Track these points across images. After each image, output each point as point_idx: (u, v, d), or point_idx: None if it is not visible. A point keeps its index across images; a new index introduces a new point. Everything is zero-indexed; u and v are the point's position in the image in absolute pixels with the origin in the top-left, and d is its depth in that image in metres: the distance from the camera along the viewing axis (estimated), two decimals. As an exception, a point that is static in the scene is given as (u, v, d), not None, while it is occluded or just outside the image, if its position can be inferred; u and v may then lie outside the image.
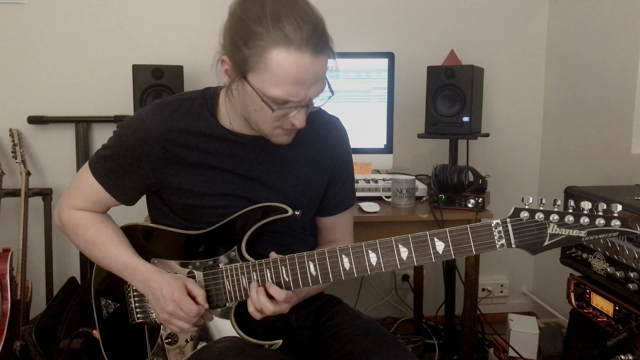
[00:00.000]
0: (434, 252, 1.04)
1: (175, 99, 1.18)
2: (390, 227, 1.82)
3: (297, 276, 1.10)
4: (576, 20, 2.32)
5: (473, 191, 1.88)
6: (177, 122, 1.14)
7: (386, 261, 1.06)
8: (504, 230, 1.00)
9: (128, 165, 1.16)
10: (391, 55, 2.10)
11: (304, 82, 1.01)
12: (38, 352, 1.88)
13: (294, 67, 0.98)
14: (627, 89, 1.99)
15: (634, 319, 1.40)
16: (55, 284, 2.29)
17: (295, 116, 1.07)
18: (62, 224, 1.24)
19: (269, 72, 0.99)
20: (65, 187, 2.35)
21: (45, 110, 2.34)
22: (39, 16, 2.29)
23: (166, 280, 1.12)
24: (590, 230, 0.97)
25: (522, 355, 2.03)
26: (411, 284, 2.54)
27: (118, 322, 1.24)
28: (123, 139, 1.16)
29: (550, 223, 0.99)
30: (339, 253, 1.08)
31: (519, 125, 2.60)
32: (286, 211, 1.15)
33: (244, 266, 1.14)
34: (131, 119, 1.17)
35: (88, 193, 1.21)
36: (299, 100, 1.03)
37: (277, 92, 1.01)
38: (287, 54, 0.98)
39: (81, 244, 1.22)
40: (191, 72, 2.29)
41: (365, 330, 1.19)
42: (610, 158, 2.10)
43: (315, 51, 0.99)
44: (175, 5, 2.36)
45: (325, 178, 1.27)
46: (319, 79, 1.04)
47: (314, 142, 1.24)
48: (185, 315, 1.10)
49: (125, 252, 1.18)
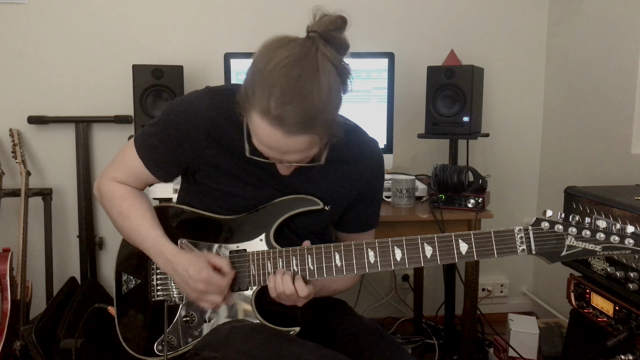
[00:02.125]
0: (458, 253, 1.09)
1: (227, 87, 1.20)
2: (390, 227, 1.82)
3: (322, 265, 1.13)
4: (576, 21, 2.32)
5: (473, 191, 1.88)
6: (225, 111, 1.15)
7: (410, 258, 1.10)
8: (525, 237, 1.07)
9: (170, 144, 1.18)
10: (391, 55, 2.10)
11: (277, 150, 1.03)
12: (38, 352, 1.88)
13: (266, 135, 1.01)
14: (627, 89, 1.99)
15: (634, 319, 1.40)
16: (55, 284, 2.30)
17: (278, 166, 1.11)
18: (101, 194, 1.27)
19: (251, 123, 1.03)
20: (65, 187, 2.38)
21: (45, 110, 2.34)
22: (39, 16, 2.30)
23: (190, 261, 1.14)
24: (605, 246, 1.03)
25: (522, 355, 2.03)
26: (411, 284, 2.54)
27: (137, 298, 1.26)
28: (171, 117, 1.18)
29: (568, 235, 1.05)
30: (365, 247, 1.12)
31: (519, 125, 2.60)
32: (317, 204, 1.19)
33: (271, 252, 1.16)
34: (181, 99, 1.20)
35: (129, 167, 1.23)
36: (275, 159, 1.06)
37: (256, 143, 1.05)
38: (262, 122, 0.99)
39: (115, 215, 1.24)
40: (191, 72, 2.29)
41: (365, 332, 1.21)
42: (610, 158, 2.10)
43: (290, 132, 0.98)
44: (175, 5, 2.36)
45: (351, 197, 1.27)
46: (296, 151, 1.03)
47: (347, 162, 1.24)
48: (216, 289, 1.13)
49: (155, 231, 1.20)
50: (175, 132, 1.17)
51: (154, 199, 1.89)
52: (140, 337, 1.24)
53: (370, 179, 1.28)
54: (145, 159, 1.21)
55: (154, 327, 1.23)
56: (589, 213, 1.58)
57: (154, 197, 1.89)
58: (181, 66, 2.17)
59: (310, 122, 0.98)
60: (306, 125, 0.98)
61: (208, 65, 2.35)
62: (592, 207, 1.56)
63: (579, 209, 1.62)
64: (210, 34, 2.36)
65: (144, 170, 1.22)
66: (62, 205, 2.41)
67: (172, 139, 1.17)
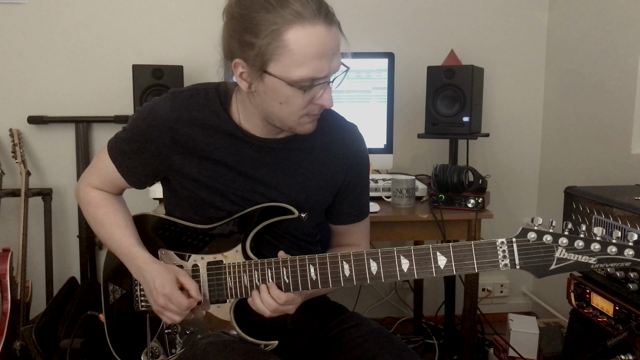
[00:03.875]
0: (436, 267, 1.03)
1: (189, 89, 1.19)
2: (390, 227, 1.82)
3: (297, 279, 1.10)
4: (576, 20, 2.32)
5: (473, 191, 1.88)
6: (187, 112, 1.15)
7: (386, 271, 1.05)
8: (508, 250, 0.99)
9: (138, 149, 1.18)
10: (391, 55, 2.10)
11: (325, 55, 1.00)
12: (38, 352, 1.88)
13: (314, 41, 0.97)
14: (627, 89, 1.99)
15: (634, 319, 1.40)
16: (55, 284, 2.30)
17: (323, 96, 1.05)
18: (79, 199, 1.28)
19: (290, 55, 0.97)
20: (65, 187, 2.38)
21: (45, 110, 2.34)
22: (39, 16, 2.30)
23: (159, 272, 1.13)
24: (601, 258, 0.94)
25: (522, 355, 2.03)
26: (411, 284, 2.54)
27: (123, 308, 1.26)
28: (137, 122, 1.18)
29: (558, 247, 0.96)
30: (340, 259, 1.08)
31: (519, 125, 2.60)
32: (292, 213, 1.15)
33: (246, 264, 1.14)
34: (147, 104, 1.20)
35: (103, 172, 1.24)
36: (325, 76, 1.02)
37: (303, 72, 0.99)
38: (303, 30, 0.96)
39: (91, 222, 1.26)
40: (191, 72, 2.29)
41: (373, 335, 1.18)
42: (610, 158, 2.10)
43: (326, 21, 0.98)
44: (175, 5, 2.36)
45: (335, 186, 1.24)
46: (337, 50, 1.02)
47: (326, 149, 1.21)
48: (176, 308, 1.11)
49: (129, 239, 1.19)
50: (140, 137, 1.17)
51: (153, 199, 1.89)
52: (128, 346, 1.25)
53: (356, 163, 1.24)
54: (117, 165, 1.21)
55: (139, 337, 1.23)
56: (588, 213, 1.58)
57: (154, 197, 1.89)
58: (181, 66, 2.17)
59: (329, 7, 1.00)
60: (330, 10, 1.00)
61: (208, 65, 2.33)
62: (592, 207, 1.56)
63: (579, 209, 1.62)
64: (210, 34, 2.34)
65: (118, 175, 1.22)
66: (62, 205, 2.41)
67: (139, 144, 1.17)
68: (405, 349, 1.16)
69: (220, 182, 1.17)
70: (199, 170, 1.16)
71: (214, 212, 1.18)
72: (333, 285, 1.09)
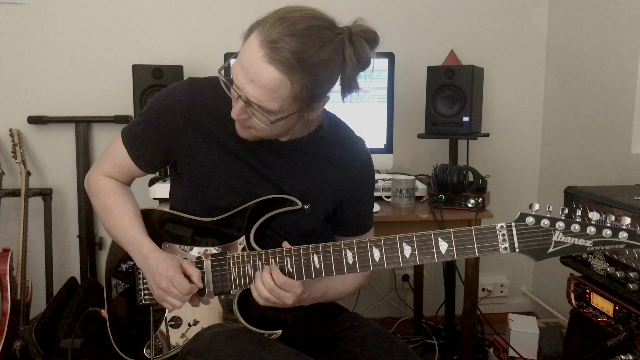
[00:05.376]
0: (437, 252, 1.05)
1: (208, 78, 1.22)
2: (390, 227, 1.82)
3: (301, 267, 1.12)
4: (576, 20, 2.32)
5: (473, 191, 1.88)
6: (203, 98, 1.18)
7: (389, 258, 1.07)
8: (508, 234, 1.01)
9: (151, 131, 1.20)
10: (391, 55, 2.10)
11: (246, 72, 1.00)
12: (38, 352, 1.88)
13: (249, 52, 1.00)
14: (627, 89, 1.99)
15: (634, 319, 1.40)
16: (55, 284, 2.30)
17: (234, 107, 1.07)
18: (89, 187, 1.29)
19: (243, 46, 1.03)
20: (66, 187, 2.38)
21: (45, 110, 2.34)
22: (39, 16, 2.29)
23: (163, 259, 1.15)
24: (597, 241, 0.97)
25: (522, 355, 2.03)
26: (411, 284, 2.54)
27: (126, 302, 1.27)
28: (153, 104, 1.21)
29: (555, 230, 0.99)
30: (343, 247, 1.10)
31: (519, 125, 2.60)
32: (296, 204, 1.18)
33: (251, 255, 1.16)
34: (164, 89, 1.23)
35: (115, 157, 1.25)
36: (237, 85, 1.02)
37: (234, 66, 1.04)
38: (255, 39, 1.00)
39: (100, 209, 1.27)
40: (191, 72, 2.29)
41: (374, 336, 1.19)
42: (610, 158, 2.10)
43: (271, 59, 0.97)
44: (175, 5, 2.36)
45: (337, 196, 1.25)
46: (261, 85, 0.99)
47: (331, 158, 1.23)
48: (177, 292, 1.12)
49: (136, 228, 1.21)
50: (155, 118, 1.19)
51: (153, 199, 1.89)
52: (131, 341, 1.25)
53: (360, 176, 1.26)
54: (129, 147, 1.23)
55: (142, 330, 1.23)
56: (588, 213, 1.57)
57: (154, 197, 1.89)
58: (181, 66, 2.17)
59: (296, 63, 0.97)
60: (290, 64, 0.97)
61: (208, 65, 2.35)
62: (592, 207, 1.56)
63: (579, 208, 1.61)
64: (210, 34, 2.36)
65: (129, 160, 1.24)
66: (62, 205, 2.41)
67: (152, 125, 1.19)
68: (408, 352, 1.16)
69: (228, 170, 1.19)
70: (207, 155, 1.18)
71: (217, 201, 1.20)
72: (337, 272, 1.10)
